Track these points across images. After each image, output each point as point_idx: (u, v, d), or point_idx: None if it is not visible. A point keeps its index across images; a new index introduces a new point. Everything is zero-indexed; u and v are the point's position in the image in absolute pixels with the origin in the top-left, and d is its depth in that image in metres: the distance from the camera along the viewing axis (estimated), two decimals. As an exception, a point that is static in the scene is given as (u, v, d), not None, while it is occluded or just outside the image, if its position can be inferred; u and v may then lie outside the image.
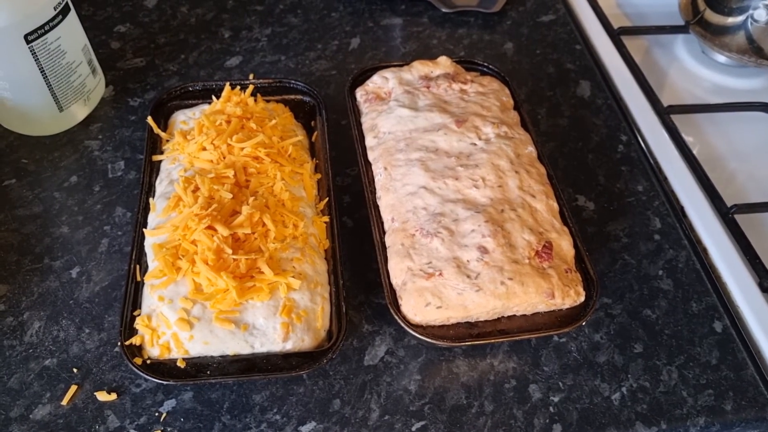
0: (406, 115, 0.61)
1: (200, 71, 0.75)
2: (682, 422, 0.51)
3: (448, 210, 0.54)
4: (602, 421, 0.51)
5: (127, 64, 0.75)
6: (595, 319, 0.56)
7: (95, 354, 0.52)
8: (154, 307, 0.49)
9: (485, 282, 0.50)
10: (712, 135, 0.76)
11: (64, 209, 0.61)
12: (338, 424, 0.49)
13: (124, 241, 0.59)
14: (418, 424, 0.50)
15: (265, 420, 0.49)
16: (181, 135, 0.59)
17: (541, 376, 0.53)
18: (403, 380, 0.52)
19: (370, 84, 0.66)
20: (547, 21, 0.86)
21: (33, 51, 0.59)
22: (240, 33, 0.80)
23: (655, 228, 0.63)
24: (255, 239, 0.52)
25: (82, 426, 0.48)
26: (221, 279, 0.48)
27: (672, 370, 0.54)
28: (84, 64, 0.66)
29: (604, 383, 0.53)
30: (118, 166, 0.65)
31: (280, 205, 0.54)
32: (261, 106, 0.62)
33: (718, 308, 0.58)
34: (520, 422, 0.50)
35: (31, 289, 0.56)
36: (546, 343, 0.55)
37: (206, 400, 0.50)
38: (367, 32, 0.81)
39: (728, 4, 0.79)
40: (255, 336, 0.49)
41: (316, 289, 0.52)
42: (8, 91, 0.62)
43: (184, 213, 0.52)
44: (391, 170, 0.58)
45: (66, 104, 0.65)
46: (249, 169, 0.56)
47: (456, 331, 0.51)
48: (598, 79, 0.78)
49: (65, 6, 0.61)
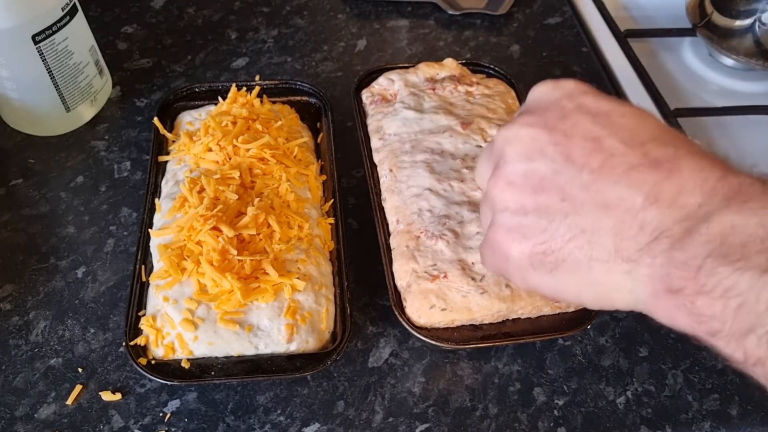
0: (411, 117, 0.61)
1: (207, 72, 0.75)
2: (687, 427, 0.51)
3: (454, 212, 0.54)
4: (607, 425, 0.50)
5: (133, 64, 0.75)
6: (600, 322, 0.56)
7: (100, 354, 0.52)
8: (159, 307, 0.49)
9: (490, 284, 0.50)
10: (719, 138, 0.75)
11: (70, 209, 0.61)
12: (342, 426, 0.49)
13: (129, 242, 0.59)
14: (422, 426, 0.50)
15: (269, 421, 0.49)
16: (187, 136, 0.59)
17: (546, 380, 0.53)
18: (408, 382, 0.52)
19: (375, 86, 0.66)
20: (554, 23, 0.86)
21: (40, 51, 0.60)
22: (246, 34, 0.80)
23: (661, 231, 0.63)
24: (260, 240, 0.52)
25: (86, 425, 0.48)
26: (226, 280, 0.48)
27: (677, 374, 0.53)
28: (91, 65, 0.66)
29: (609, 387, 0.52)
30: (125, 167, 0.65)
31: (285, 207, 0.54)
32: (267, 107, 0.62)
33: (724, 312, 0.57)
34: (525, 425, 0.50)
35: (37, 289, 0.56)
36: (551, 346, 0.55)
37: (210, 400, 0.50)
38: (374, 34, 0.81)
39: (736, 7, 0.78)
40: (259, 337, 0.49)
41: (321, 290, 0.52)
42: (16, 92, 0.62)
43: (189, 214, 0.52)
44: (397, 172, 0.58)
45: (73, 105, 0.66)
46: (254, 171, 0.56)
47: (460, 334, 0.51)
48: (604, 82, 0.78)
49: (73, 7, 0.62)
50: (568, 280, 0.35)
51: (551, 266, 0.35)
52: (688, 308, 0.29)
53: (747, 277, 0.27)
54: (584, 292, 0.35)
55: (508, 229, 0.37)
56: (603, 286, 0.34)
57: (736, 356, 0.29)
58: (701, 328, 0.29)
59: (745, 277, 0.27)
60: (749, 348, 0.28)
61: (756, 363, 0.28)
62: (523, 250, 0.36)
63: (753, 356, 0.28)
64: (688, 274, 0.29)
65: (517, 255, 0.37)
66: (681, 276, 0.30)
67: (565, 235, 0.35)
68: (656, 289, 0.31)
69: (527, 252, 0.36)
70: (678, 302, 0.30)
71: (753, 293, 0.27)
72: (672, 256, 0.30)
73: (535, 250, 0.36)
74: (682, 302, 0.30)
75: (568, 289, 0.36)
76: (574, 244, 0.34)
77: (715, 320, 0.29)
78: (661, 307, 0.31)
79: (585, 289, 0.35)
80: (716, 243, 0.29)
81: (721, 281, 0.28)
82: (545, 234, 0.35)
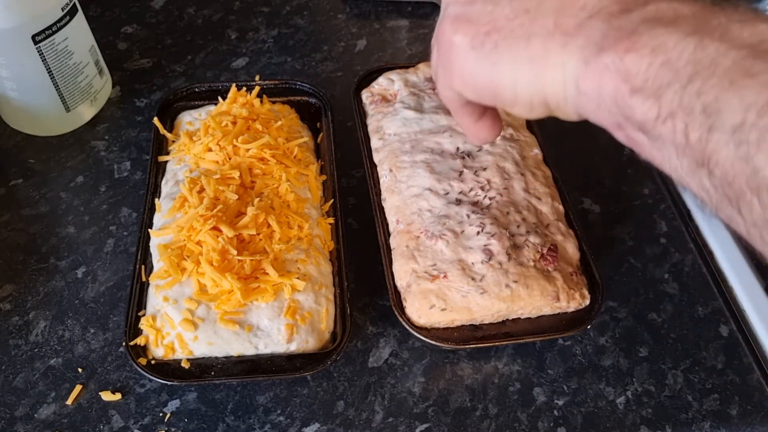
0: (411, 117, 0.61)
1: (206, 72, 0.75)
2: (687, 427, 0.51)
3: (453, 212, 0.54)
4: (607, 425, 0.50)
5: (133, 64, 0.75)
6: (600, 322, 0.56)
7: (100, 354, 0.52)
8: (159, 307, 0.49)
9: (490, 284, 0.50)
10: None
11: (70, 209, 0.61)
12: (342, 426, 0.49)
13: (129, 242, 0.59)
14: (422, 426, 0.50)
15: (269, 421, 0.49)
16: (187, 136, 0.59)
17: (546, 380, 0.53)
18: (407, 382, 0.52)
19: (375, 86, 0.66)
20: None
21: (40, 51, 0.60)
22: (246, 34, 0.80)
23: (662, 231, 0.63)
24: (260, 240, 0.52)
25: (86, 426, 0.48)
26: (226, 280, 0.48)
27: (677, 374, 0.53)
28: (91, 65, 0.66)
29: (609, 387, 0.52)
30: (124, 167, 0.65)
31: (285, 207, 0.55)
32: (267, 107, 0.62)
33: (724, 312, 0.58)
34: (525, 425, 0.50)
35: (37, 289, 0.56)
36: (551, 347, 0.55)
37: (210, 400, 0.50)
38: (373, 34, 0.81)
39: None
40: (259, 337, 0.49)
41: (321, 290, 0.52)
42: (15, 92, 0.62)
43: (189, 214, 0.52)
44: (397, 172, 0.58)
45: (73, 105, 0.66)
46: (254, 171, 0.56)
47: (460, 334, 0.51)
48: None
49: (73, 7, 0.62)
50: (505, 60, 0.36)
51: (491, 46, 0.37)
52: (616, 66, 0.31)
53: (674, 37, 0.29)
54: (519, 71, 0.36)
55: (455, 18, 0.39)
56: (538, 62, 0.35)
57: (650, 114, 0.30)
58: (625, 87, 0.30)
59: (673, 38, 0.29)
60: (664, 103, 0.29)
61: (667, 117, 0.29)
62: (467, 32, 0.38)
63: (666, 110, 0.29)
64: (622, 35, 0.31)
65: (460, 39, 0.38)
66: (614, 36, 0.31)
67: (509, 16, 0.36)
68: (587, 55, 0.33)
69: (471, 34, 0.37)
70: (607, 61, 0.31)
71: (677, 51, 0.29)
72: (609, 23, 0.32)
73: (479, 32, 0.37)
74: (611, 60, 0.31)
75: (504, 71, 0.37)
76: (517, 22, 0.36)
77: (639, 77, 0.30)
78: (590, 75, 0.33)
79: (520, 68, 0.36)
80: (651, 15, 0.31)
81: (651, 40, 0.30)
82: (490, 16, 0.37)
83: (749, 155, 0.26)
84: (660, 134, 0.30)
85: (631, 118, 0.31)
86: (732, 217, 0.29)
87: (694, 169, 0.29)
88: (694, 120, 0.28)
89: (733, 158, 0.27)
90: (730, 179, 0.27)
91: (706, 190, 0.29)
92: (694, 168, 0.29)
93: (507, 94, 0.38)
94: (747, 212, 0.27)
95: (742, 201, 0.27)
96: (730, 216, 0.29)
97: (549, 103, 0.36)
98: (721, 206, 0.29)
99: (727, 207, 0.28)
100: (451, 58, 0.39)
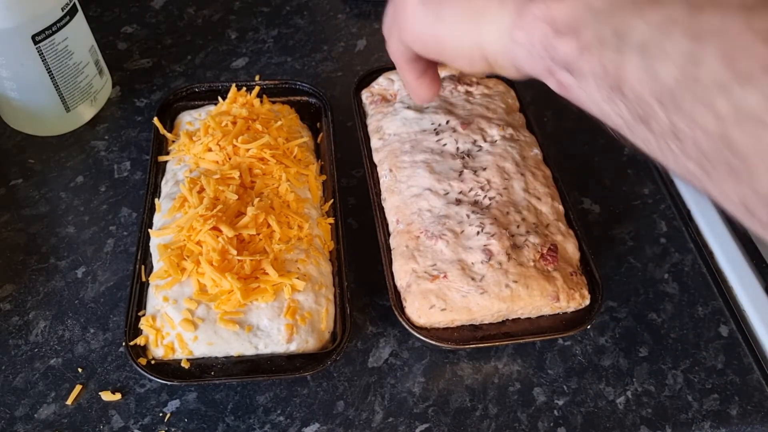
0: (411, 117, 0.61)
1: (206, 72, 0.75)
2: (687, 427, 0.51)
3: (453, 212, 0.54)
4: (607, 425, 0.50)
5: (133, 64, 0.75)
6: (600, 322, 0.56)
7: (100, 354, 0.52)
8: (158, 307, 0.49)
9: (490, 284, 0.50)
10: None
11: (70, 209, 0.61)
12: (342, 426, 0.49)
13: (129, 242, 0.59)
14: (422, 426, 0.50)
15: (269, 421, 0.49)
16: (186, 136, 0.59)
17: (546, 380, 0.53)
18: (407, 382, 0.52)
19: (375, 86, 0.66)
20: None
21: (40, 51, 0.60)
22: (246, 34, 0.80)
23: (662, 231, 0.63)
24: (260, 240, 0.52)
25: (86, 426, 0.48)
26: (226, 280, 0.48)
27: (677, 374, 0.53)
28: (91, 65, 0.66)
29: (608, 387, 0.52)
30: (124, 167, 0.65)
31: (285, 207, 0.55)
32: (267, 107, 0.62)
33: (724, 312, 0.58)
34: (525, 425, 0.50)
35: (37, 289, 0.56)
36: (551, 347, 0.55)
37: (210, 400, 0.50)
38: (374, 34, 0.81)
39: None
40: (259, 337, 0.49)
41: (321, 290, 0.52)
42: (15, 92, 0.62)
43: (189, 214, 0.52)
44: (397, 172, 0.58)
45: (73, 104, 0.66)
46: (254, 171, 0.56)
47: (460, 334, 0.51)
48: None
49: (73, 7, 0.62)
50: (448, 15, 0.40)
51: (438, 2, 0.40)
52: (543, 13, 0.33)
53: None
54: (460, 26, 0.39)
55: None
56: (478, 18, 0.38)
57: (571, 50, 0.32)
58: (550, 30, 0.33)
59: None
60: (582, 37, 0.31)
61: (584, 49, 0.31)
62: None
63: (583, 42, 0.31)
64: None
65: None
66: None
67: None
68: (520, 8, 0.35)
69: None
70: (535, 10, 0.34)
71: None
72: None
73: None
74: (539, 8, 0.33)
75: (447, 25, 0.40)
76: None
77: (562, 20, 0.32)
78: (521, 24, 0.35)
79: (461, 23, 0.39)
80: None
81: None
82: None
83: (652, 67, 0.28)
84: (581, 69, 0.32)
85: (556, 58, 0.33)
86: (647, 139, 0.30)
87: (611, 95, 0.31)
88: (606, 47, 0.30)
89: (640, 74, 0.28)
90: (638, 95, 0.29)
91: (622, 115, 0.31)
92: (610, 94, 0.31)
93: (449, 47, 0.41)
94: (655, 125, 0.29)
95: (650, 115, 0.29)
96: (645, 138, 0.30)
97: (488, 57, 0.39)
98: (636, 129, 0.30)
99: (640, 128, 0.30)
100: (404, 14, 0.43)
